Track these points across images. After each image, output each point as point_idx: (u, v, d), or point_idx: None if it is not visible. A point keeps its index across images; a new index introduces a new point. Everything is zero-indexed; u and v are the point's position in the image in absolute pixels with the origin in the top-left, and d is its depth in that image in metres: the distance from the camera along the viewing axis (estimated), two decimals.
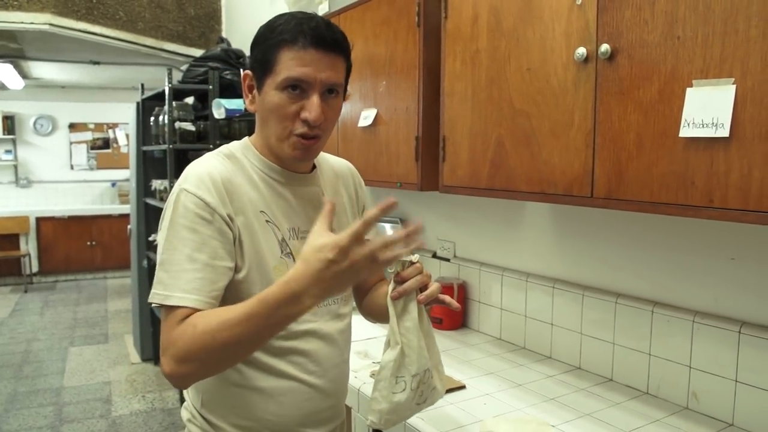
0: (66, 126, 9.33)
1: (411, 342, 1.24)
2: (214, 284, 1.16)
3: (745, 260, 1.63)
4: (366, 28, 2.40)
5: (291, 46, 1.20)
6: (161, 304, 1.14)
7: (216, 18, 5.47)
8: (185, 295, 1.13)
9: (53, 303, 7.54)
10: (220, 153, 1.32)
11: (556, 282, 2.17)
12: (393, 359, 1.23)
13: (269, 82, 1.23)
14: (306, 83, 1.21)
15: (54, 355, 5.55)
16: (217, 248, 1.18)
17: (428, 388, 1.30)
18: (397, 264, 1.24)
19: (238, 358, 1.19)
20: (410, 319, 1.24)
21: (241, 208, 1.24)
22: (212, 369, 1.16)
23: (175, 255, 1.15)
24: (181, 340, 1.09)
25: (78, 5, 4.72)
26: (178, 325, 1.11)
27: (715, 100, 1.21)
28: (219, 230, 1.18)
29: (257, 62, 1.25)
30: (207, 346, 1.07)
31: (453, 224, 2.68)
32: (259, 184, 1.29)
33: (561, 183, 1.59)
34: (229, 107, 3.87)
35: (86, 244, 8.88)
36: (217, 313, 1.10)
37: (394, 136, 2.29)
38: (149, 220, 5.08)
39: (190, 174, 1.23)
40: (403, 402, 1.24)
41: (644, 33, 1.35)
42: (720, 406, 1.67)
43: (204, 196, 1.18)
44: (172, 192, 1.22)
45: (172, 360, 1.10)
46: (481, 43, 1.83)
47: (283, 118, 1.23)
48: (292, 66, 1.20)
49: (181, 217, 1.17)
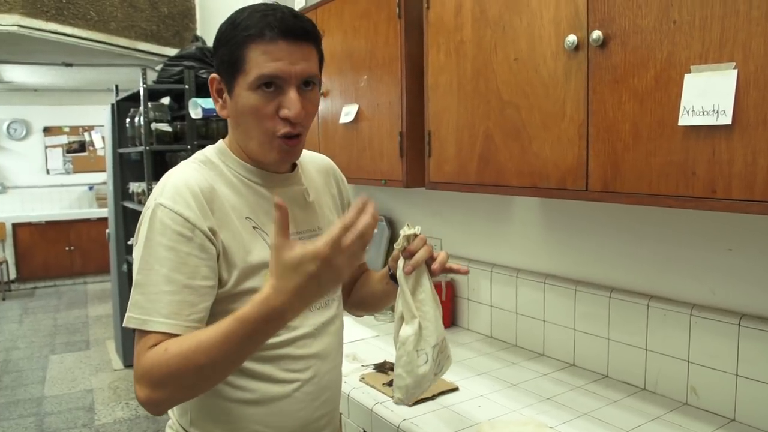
0: (40, 130, 9.16)
1: (427, 314, 1.25)
2: (193, 307, 1.09)
3: (744, 251, 1.59)
4: (345, 21, 2.33)
5: (259, 41, 1.12)
6: (137, 328, 1.07)
7: (190, 16, 5.37)
8: (163, 319, 1.06)
9: (32, 310, 7.40)
10: (195, 160, 1.24)
11: (547, 277, 2.12)
12: (413, 333, 1.23)
13: (240, 82, 1.15)
14: (280, 79, 1.13)
15: (34, 364, 5.43)
16: (198, 267, 1.10)
17: (444, 357, 1.32)
18: (403, 239, 1.24)
19: (216, 381, 1.10)
20: (423, 291, 1.25)
21: (225, 217, 1.16)
22: (188, 393, 1.09)
23: (152, 276, 1.08)
24: (153, 366, 1.02)
25: (47, 6, 4.59)
26: (149, 350, 1.04)
27: (715, 86, 1.15)
28: (200, 247, 1.11)
29: (224, 63, 1.17)
30: (181, 369, 1.01)
31: (439, 220, 2.62)
32: (241, 189, 1.22)
33: (554, 176, 1.53)
34: (206, 107, 3.79)
35: (65, 249, 8.74)
36: (190, 336, 1.03)
37: (377, 131, 2.22)
38: (128, 224, 4.99)
39: (166, 186, 1.14)
40: (426, 374, 1.25)
41: (638, 18, 1.29)
42: (721, 400, 1.62)
43: (182, 211, 1.10)
44: (148, 205, 1.14)
45: (146, 386, 1.04)
46: (465, 34, 1.77)
47: (261, 119, 1.15)
48: (262, 62, 1.12)
49: (158, 234, 1.09)
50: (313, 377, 1.28)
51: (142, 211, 1.17)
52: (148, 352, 1.04)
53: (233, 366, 1.06)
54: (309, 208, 1.34)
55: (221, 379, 1.11)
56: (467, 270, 1.33)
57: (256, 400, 1.22)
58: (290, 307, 0.97)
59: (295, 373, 1.25)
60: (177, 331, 1.06)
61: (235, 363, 1.05)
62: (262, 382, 1.22)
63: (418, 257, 1.23)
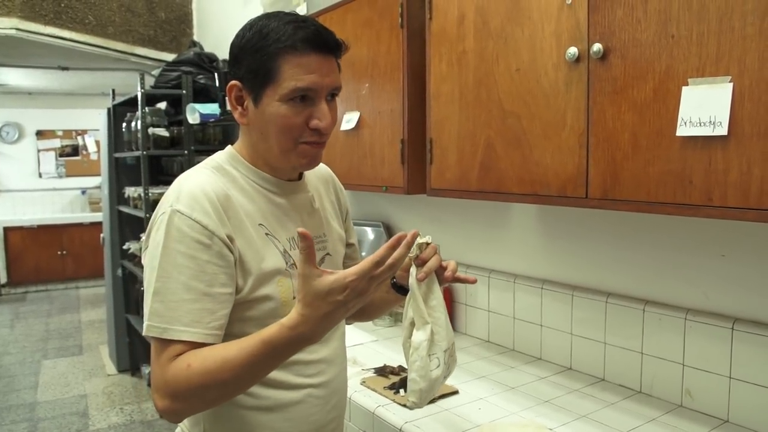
0: (33, 133, 9.12)
1: (439, 320, 1.28)
2: (213, 314, 1.10)
3: (736, 257, 1.63)
4: (347, 29, 2.37)
5: (293, 53, 1.13)
6: (158, 337, 1.08)
7: (187, 21, 5.39)
8: (185, 328, 1.07)
9: (24, 315, 7.36)
10: (207, 166, 1.24)
11: (544, 283, 2.16)
12: (426, 338, 1.27)
13: (269, 93, 1.15)
14: (313, 91, 1.15)
15: (26, 369, 5.41)
16: (217, 274, 1.11)
17: (453, 360, 1.36)
18: (416, 248, 1.26)
19: (236, 394, 1.14)
20: (435, 298, 1.28)
21: (240, 224, 1.17)
22: (208, 406, 1.13)
23: (171, 283, 1.08)
24: (175, 379, 1.05)
25: (46, 9, 4.61)
26: (171, 363, 1.06)
27: (711, 98, 1.20)
28: (218, 254, 1.11)
29: (251, 72, 1.16)
30: (204, 386, 1.04)
31: (437, 227, 2.66)
32: (254, 196, 1.24)
33: (554, 184, 1.57)
34: (203, 112, 3.81)
35: (57, 254, 8.68)
36: (213, 352, 1.06)
37: (378, 139, 2.26)
38: (123, 228, 4.99)
39: (182, 192, 1.14)
40: (439, 377, 1.29)
41: (637, 32, 1.34)
42: (715, 403, 1.67)
43: (200, 218, 1.11)
44: (162, 211, 1.14)
45: (166, 397, 1.06)
46: (467, 44, 1.81)
47: (290, 129, 1.17)
48: (297, 74, 1.13)
49: (176, 242, 1.09)
50: (324, 381, 1.31)
51: (153, 215, 1.17)
52: (170, 364, 1.05)
53: (255, 381, 1.10)
54: (316, 215, 1.36)
55: (242, 392, 1.14)
56: (475, 279, 1.37)
57: (270, 407, 1.24)
58: (317, 332, 1.01)
59: (307, 378, 1.27)
60: (198, 339, 1.07)
61: (256, 379, 1.09)
62: (275, 389, 1.24)
63: (430, 265, 1.24)
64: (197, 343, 1.08)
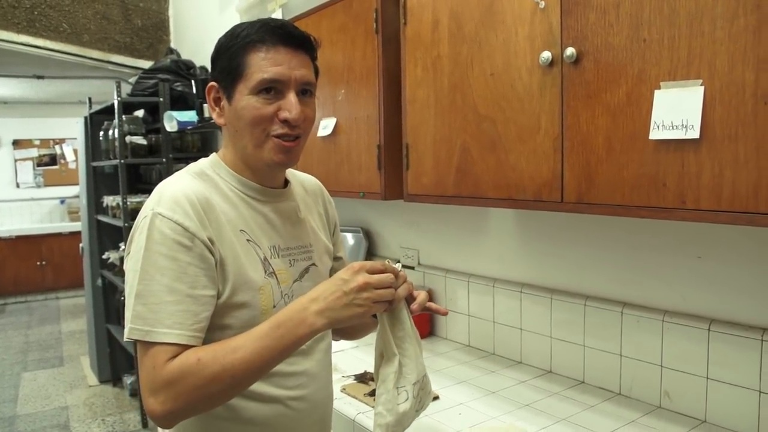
0: (10, 143, 9.00)
1: (407, 351, 1.23)
2: (196, 316, 1.10)
3: (712, 258, 1.64)
4: (322, 35, 2.36)
5: (260, 46, 1.16)
6: (141, 340, 1.07)
7: (164, 29, 5.35)
8: (168, 330, 1.07)
9: (3, 327, 7.25)
10: (189, 172, 1.24)
11: (523, 286, 2.16)
12: (393, 371, 1.22)
13: (240, 88, 1.18)
14: (281, 83, 1.17)
15: (6, 382, 5.32)
16: (198, 276, 1.11)
17: (425, 393, 1.31)
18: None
19: (242, 388, 1.12)
20: (402, 328, 1.23)
21: (221, 229, 1.17)
22: (212, 402, 1.10)
23: (153, 286, 1.08)
24: (182, 376, 1.04)
25: (19, 17, 4.54)
26: (170, 362, 1.05)
27: (683, 101, 1.21)
28: (200, 256, 1.11)
29: (223, 71, 1.20)
30: (214, 377, 1.04)
31: (416, 232, 2.65)
32: (236, 202, 1.23)
33: (530, 188, 1.57)
34: (181, 119, 3.79)
35: (36, 264, 8.56)
36: (221, 344, 1.08)
37: (355, 145, 2.25)
38: (102, 238, 4.94)
39: (163, 196, 1.14)
40: (407, 411, 1.24)
41: (609, 36, 1.35)
42: (692, 403, 1.68)
43: (182, 220, 1.11)
44: (143, 215, 1.14)
45: (167, 398, 1.04)
46: (442, 49, 1.81)
47: (259, 121, 1.18)
48: (264, 66, 1.16)
49: (158, 244, 1.09)
50: (304, 395, 1.29)
51: (135, 221, 1.17)
52: (168, 364, 1.05)
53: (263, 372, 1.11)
54: (300, 225, 1.35)
55: (248, 387, 1.14)
56: (446, 311, 1.35)
57: (250, 419, 1.23)
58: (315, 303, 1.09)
59: (286, 390, 1.26)
60: (182, 341, 1.07)
61: (265, 369, 1.10)
62: (253, 401, 1.22)
63: (397, 294, 1.18)
64: (180, 345, 1.07)
